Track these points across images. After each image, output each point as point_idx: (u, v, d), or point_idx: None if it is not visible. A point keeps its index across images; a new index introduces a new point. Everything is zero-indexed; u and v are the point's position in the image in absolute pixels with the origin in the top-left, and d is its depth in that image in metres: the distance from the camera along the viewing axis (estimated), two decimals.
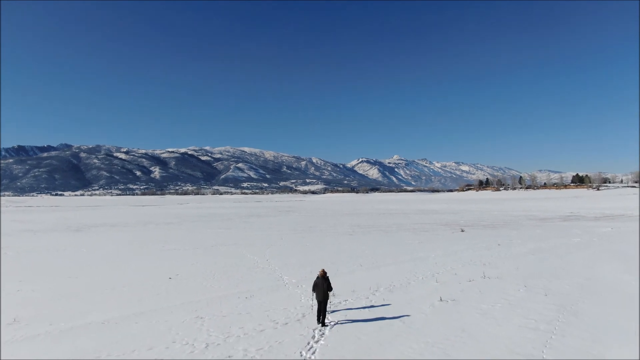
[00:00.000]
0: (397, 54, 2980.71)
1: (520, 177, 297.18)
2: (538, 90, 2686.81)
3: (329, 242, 37.69)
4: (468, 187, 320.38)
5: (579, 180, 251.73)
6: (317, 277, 13.40)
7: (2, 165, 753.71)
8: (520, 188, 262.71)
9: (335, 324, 13.03)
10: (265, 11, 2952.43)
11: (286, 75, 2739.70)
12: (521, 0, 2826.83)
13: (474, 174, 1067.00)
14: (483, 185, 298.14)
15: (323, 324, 13.01)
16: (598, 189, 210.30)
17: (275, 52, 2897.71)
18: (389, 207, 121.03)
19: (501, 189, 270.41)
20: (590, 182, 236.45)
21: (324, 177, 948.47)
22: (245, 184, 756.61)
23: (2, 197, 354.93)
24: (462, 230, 47.13)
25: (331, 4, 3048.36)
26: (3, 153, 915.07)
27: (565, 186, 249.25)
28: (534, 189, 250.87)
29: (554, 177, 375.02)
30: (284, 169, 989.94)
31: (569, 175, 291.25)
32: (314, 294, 13.37)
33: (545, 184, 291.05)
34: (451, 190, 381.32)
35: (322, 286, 12.97)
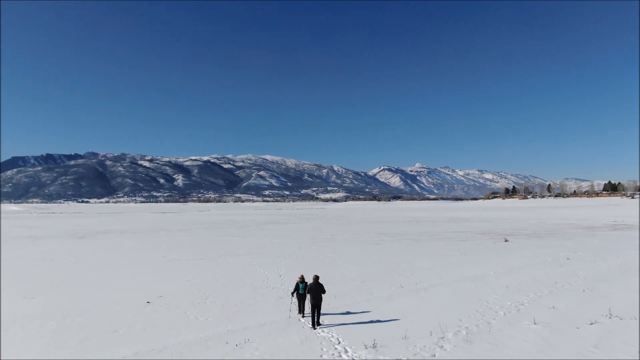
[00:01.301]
0: (419, 61, 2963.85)
1: (549, 184, 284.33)
2: (564, 97, 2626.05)
3: (355, 253, 32.22)
4: (494, 195, 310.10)
5: (612, 189, 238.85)
6: (304, 289, 13.99)
7: (31, 172, 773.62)
8: (549, 196, 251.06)
9: None
10: (287, 19, 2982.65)
11: (307, 84, 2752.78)
12: (545, 2, 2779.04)
13: (497, 182, 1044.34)
14: (510, 193, 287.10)
15: (318, 324, 13.06)
16: (632, 197, 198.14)
17: (297, 60, 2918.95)
18: (413, 214, 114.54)
19: (529, 197, 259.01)
20: (624, 190, 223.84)
21: (345, 185, 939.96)
22: (266, 192, 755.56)
23: (28, 204, 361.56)
24: (506, 240, 41.38)
25: (351, 10, 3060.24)
26: (32, 161, 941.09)
27: (597, 194, 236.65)
28: (564, 197, 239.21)
29: (584, 185, 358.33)
30: (306, 177, 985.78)
31: (599, 183, 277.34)
32: (308, 296, 13.51)
33: (575, 192, 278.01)
34: (475, 199, 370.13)
35: (317, 291, 13.14)
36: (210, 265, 27.10)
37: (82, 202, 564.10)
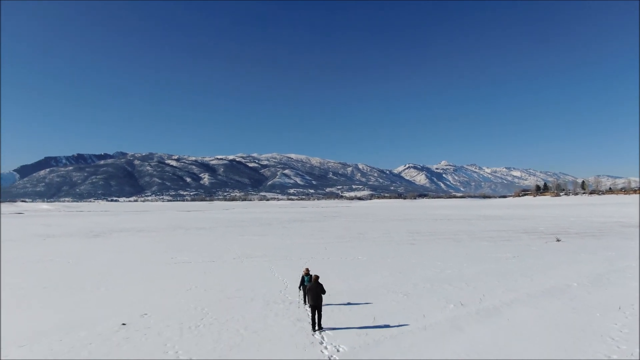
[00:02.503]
0: (445, 57, 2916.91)
1: (583, 181, 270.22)
2: (594, 93, 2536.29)
3: (389, 255, 27.88)
4: (524, 192, 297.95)
5: None
6: (309, 281, 13.63)
7: (62, 172, 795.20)
8: (583, 193, 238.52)
9: None
10: (313, 18, 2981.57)
11: (332, 82, 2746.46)
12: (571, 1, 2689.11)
13: (526, 180, 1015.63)
14: (541, 190, 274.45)
15: (320, 329, 12.03)
16: None
17: (321, 58, 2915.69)
18: (443, 212, 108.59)
19: (561, 194, 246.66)
20: None
21: (370, 183, 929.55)
22: (291, 190, 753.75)
23: (60, 202, 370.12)
24: (558, 240, 36.32)
25: (376, 7, 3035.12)
26: (64, 161, 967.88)
27: (635, 191, 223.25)
28: (599, 195, 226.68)
29: (619, 183, 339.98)
30: (330, 175, 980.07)
31: (635, 180, 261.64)
32: (307, 297, 13.25)
33: (610, 189, 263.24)
34: (504, 196, 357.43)
35: (316, 290, 12.31)
36: (221, 269, 23.34)
37: (112, 200, 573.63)
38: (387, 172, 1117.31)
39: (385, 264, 23.96)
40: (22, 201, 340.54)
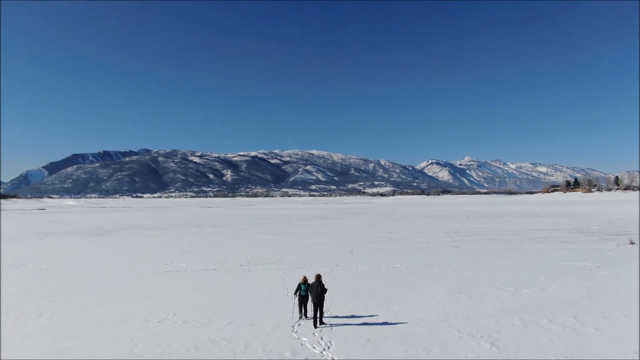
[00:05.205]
0: (467, 51, 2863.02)
1: (617, 177, 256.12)
2: (621, 87, 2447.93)
3: (432, 262, 22.22)
4: (554, 188, 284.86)
5: None
6: (306, 291, 12.64)
7: (89, 169, 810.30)
8: (617, 189, 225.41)
9: None
10: (332, 15, 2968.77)
11: (353, 78, 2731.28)
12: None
13: (552, 176, 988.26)
14: (571, 186, 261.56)
15: (321, 323, 11.90)
16: None
17: (341, 54, 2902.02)
18: (471, 209, 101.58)
19: (593, 190, 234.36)
20: None
21: (393, 179, 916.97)
22: (313, 187, 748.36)
23: (86, 199, 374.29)
24: (632, 243, 30.56)
25: (404, 5, 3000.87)
26: (90, 158, 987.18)
27: None
28: (634, 190, 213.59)
29: None
30: (352, 171, 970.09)
31: None
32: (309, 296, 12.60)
33: None
34: (531, 192, 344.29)
35: (317, 288, 12.07)
36: (220, 282, 18.23)
37: (136, 197, 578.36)
38: (410, 168, 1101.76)
39: (432, 277, 18.35)
40: (49, 197, 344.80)
